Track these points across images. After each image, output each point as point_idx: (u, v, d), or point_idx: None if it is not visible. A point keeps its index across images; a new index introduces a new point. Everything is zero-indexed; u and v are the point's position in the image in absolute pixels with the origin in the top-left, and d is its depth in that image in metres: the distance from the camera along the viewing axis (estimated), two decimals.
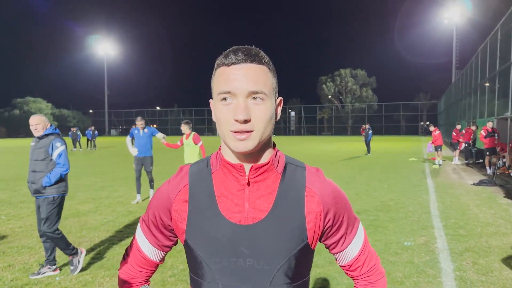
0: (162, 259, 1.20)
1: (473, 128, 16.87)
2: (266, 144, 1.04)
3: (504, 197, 8.77)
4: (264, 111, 0.97)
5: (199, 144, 7.94)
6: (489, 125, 13.34)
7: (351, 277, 1.19)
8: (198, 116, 78.08)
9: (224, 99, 0.97)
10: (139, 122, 8.79)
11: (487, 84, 17.83)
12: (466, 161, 16.57)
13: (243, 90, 0.95)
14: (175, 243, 1.18)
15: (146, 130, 8.79)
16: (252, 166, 1.02)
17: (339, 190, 1.10)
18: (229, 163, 1.03)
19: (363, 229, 1.18)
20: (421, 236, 5.66)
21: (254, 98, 0.96)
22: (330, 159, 18.68)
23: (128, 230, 6.07)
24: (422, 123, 63.94)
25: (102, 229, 6.18)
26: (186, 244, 1.06)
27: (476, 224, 6.36)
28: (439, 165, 14.99)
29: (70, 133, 28.82)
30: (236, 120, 0.94)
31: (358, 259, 1.14)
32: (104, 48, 73.41)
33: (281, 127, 74.85)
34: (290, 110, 74.15)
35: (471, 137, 16.70)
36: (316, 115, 72.09)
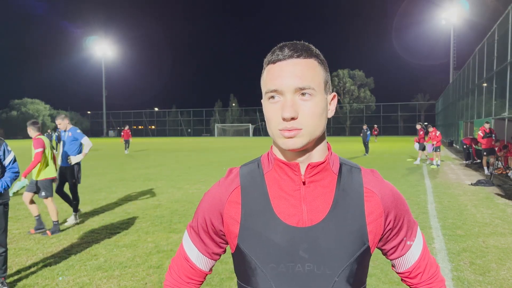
0: (211, 269, 1.14)
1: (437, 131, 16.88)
2: (319, 142, 1.00)
3: (502, 197, 8.78)
4: (313, 107, 0.92)
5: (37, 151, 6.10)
6: (487, 125, 13.37)
7: (410, 285, 1.12)
8: (196, 117, 78.09)
9: (272, 97, 0.93)
10: (59, 121, 6.73)
11: (484, 85, 17.88)
12: (466, 162, 16.59)
13: (290, 86, 0.91)
14: (224, 251, 1.12)
15: (69, 133, 6.74)
16: (309, 164, 0.97)
17: (398, 192, 1.05)
18: (283, 162, 0.98)
19: (422, 234, 1.12)
20: None
21: (303, 94, 0.92)
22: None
23: (126, 232, 6.06)
24: (420, 123, 64.08)
25: (99, 230, 6.16)
26: (237, 250, 1.00)
27: (473, 224, 6.37)
28: (437, 165, 15.01)
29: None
30: (284, 119, 0.90)
31: (418, 265, 1.08)
32: (102, 49, 73.40)
33: None
34: None
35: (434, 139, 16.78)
36: None
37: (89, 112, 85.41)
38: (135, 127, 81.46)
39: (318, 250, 0.94)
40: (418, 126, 17.34)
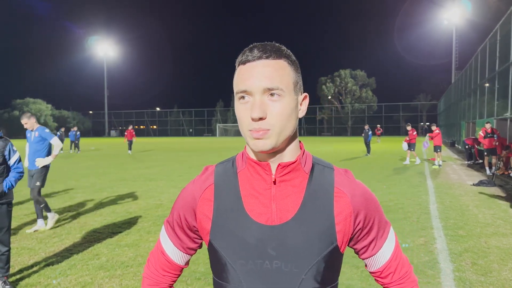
0: (187, 263, 1.17)
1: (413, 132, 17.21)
2: (290, 142, 1.01)
3: (504, 197, 8.77)
4: (282, 107, 0.93)
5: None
6: (488, 126, 13.34)
7: (382, 285, 1.13)
8: (198, 117, 78.14)
9: (242, 97, 0.95)
10: (25, 120, 6.24)
11: (486, 85, 17.84)
12: (467, 162, 16.56)
13: (258, 87, 0.92)
14: (200, 246, 1.15)
15: (36, 133, 6.24)
16: (279, 164, 0.99)
17: (370, 192, 1.06)
18: (255, 162, 1.00)
19: (395, 234, 1.12)
20: (421, 237, 5.66)
21: (271, 94, 0.93)
22: (330, 160, 18.64)
23: (128, 231, 6.07)
24: (422, 123, 63.96)
25: (101, 230, 6.18)
26: (210, 246, 1.03)
27: (475, 224, 6.36)
28: (439, 165, 14.99)
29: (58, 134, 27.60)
30: (252, 119, 0.92)
31: (389, 265, 1.09)
32: (104, 49, 73.52)
33: None
34: None
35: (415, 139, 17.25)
36: (316, 116, 72.09)
37: (91, 112, 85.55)
38: (136, 127, 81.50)
39: (286, 248, 0.96)
40: (408, 127, 17.67)
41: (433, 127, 16.03)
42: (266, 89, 0.93)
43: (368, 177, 12.18)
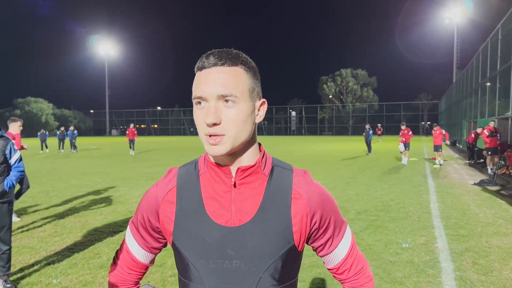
0: (152, 261, 1.20)
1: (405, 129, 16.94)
2: (249, 146, 1.04)
3: (505, 197, 8.76)
4: (236, 113, 0.96)
5: None
6: (492, 124, 13.33)
7: (339, 280, 1.18)
8: None
9: (199, 103, 0.98)
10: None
11: (488, 84, 17.82)
12: (468, 161, 16.54)
13: (212, 94, 0.95)
14: (164, 245, 1.18)
15: None
16: (239, 168, 1.02)
17: (327, 193, 1.10)
18: (215, 165, 1.04)
19: (351, 232, 1.17)
20: (421, 236, 5.66)
21: (226, 101, 0.96)
22: (331, 159, 18.68)
23: None
24: (423, 123, 63.89)
25: (102, 229, 6.18)
26: (173, 246, 1.06)
27: (476, 224, 6.36)
28: (440, 165, 14.97)
29: (38, 134, 26.78)
30: (207, 124, 0.95)
31: (345, 262, 1.14)
32: (105, 48, 73.53)
33: (281, 127, 74.90)
34: (291, 110, 74.19)
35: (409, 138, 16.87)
36: (317, 115, 72.04)
37: (92, 111, 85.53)
38: (138, 126, 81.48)
39: (245, 248, 1.00)
40: (402, 126, 17.29)
41: (435, 127, 15.98)
42: (220, 95, 0.95)
43: (369, 177, 12.17)
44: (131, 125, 24.12)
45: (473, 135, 16.34)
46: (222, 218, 1.02)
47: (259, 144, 1.10)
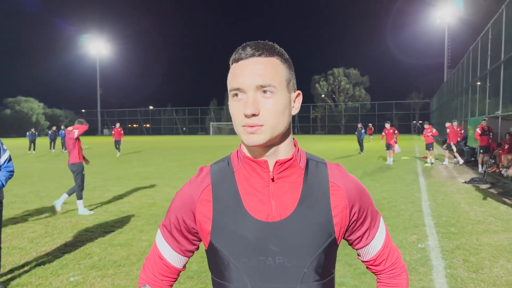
0: (184, 266, 1.16)
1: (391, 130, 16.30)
2: (285, 139, 1.03)
3: (495, 195, 8.85)
4: (274, 104, 0.95)
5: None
6: (484, 123, 13.46)
7: (375, 272, 1.18)
8: (191, 116, 77.93)
9: (236, 95, 0.97)
10: None
11: (478, 83, 17.97)
12: (454, 160, 16.62)
13: (251, 84, 0.94)
14: (197, 248, 1.15)
15: None
16: (277, 161, 1.01)
17: (362, 185, 1.10)
18: (252, 160, 1.02)
19: (384, 223, 1.17)
20: (413, 234, 5.70)
21: (264, 91, 0.95)
22: (323, 158, 18.72)
23: (120, 230, 6.04)
24: (414, 121, 64.31)
25: (94, 229, 6.14)
26: (211, 246, 1.03)
27: (467, 222, 6.41)
28: (431, 163, 15.08)
29: (28, 134, 26.03)
30: (245, 115, 0.94)
31: (382, 252, 1.13)
32: (97, 47, 72.97)
33: None
34: None
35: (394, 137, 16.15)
36: (309, 114, 72.18)
37: (83, 110, 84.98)
38: (130, 125, 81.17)
39: (287, 243, 0.98)
40: (387, 125, 16.68)
41: (426, 125, 16.08)
42: (258, 86, 0.94)
43: (361, 175, 12.22)
44: (117, 125, 22.56)
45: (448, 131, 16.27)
46: (262, 214, 1.00)
47: (293, 138, 1.09)
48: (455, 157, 15.94)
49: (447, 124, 16.84)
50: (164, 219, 1.14)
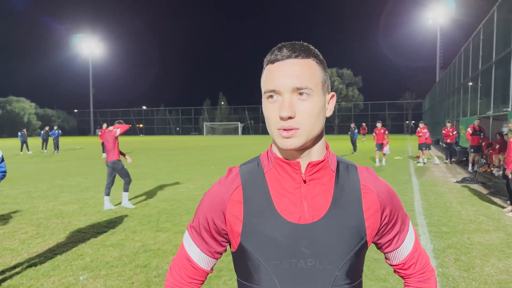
0: (212, 268, 1.14)
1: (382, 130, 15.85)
2: (318, 141, 1.02)
3: (486, 194, 8.93)
4: (310, 106, 0.94)
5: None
6: (476, 123, 13.57)
7: (403, 276, 1.17)
8: (185, 116, 77.71)
9: (271, 97, 0.96)
10: None
11: (470, 84, 18.11)
12: (447, 161, 16.70)
13: (287, 86, 0.93)
14: (225, 250, 1.13)
15: None
16: (309, 163, 1.00)
17: (392, 188, 1.10)
18: (284, 161, 1.01)
19: (413, 227, 1.16)
20: None
21: (300, 94, 0.94)
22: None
23: (113, 231, 6.01)
24: (407, 122, 64.67)
25: (86, 230, 6.10)
26: (240, 248, 1.01)
27: (458, 221, 6.46)
28: (424, 163, 15.17)
29: (19, 134, 25.66)
30: (281, 118, 0.92)
31: (412, 256, 1.13)
32: (89, 46, 72.53)
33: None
34: None
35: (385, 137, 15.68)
36: None
37: (76, 110, 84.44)
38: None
39: (320, 246, 0.97)
40: (378, 124, 16.06)
41: (421, 125, 16.02)
42: (295, 88, 0.93)
43: None
44: (104, 125, 22.33)
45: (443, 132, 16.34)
46: (294, 216, 0.98)
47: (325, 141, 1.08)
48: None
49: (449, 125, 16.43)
50: (192, 220, 1.12)
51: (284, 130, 0.93)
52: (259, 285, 0.98)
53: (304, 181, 1.00)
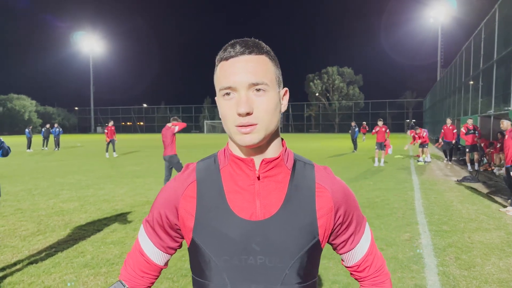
0: (166, 263, 1.15)
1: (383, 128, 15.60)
2: (274, 138, 1.02)
3: (487, 193, 8.92)
4: (267, 102, 0.94)
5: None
6: (470, 122, 13.56)
7: (358, 279, 1.16)
8: (186, 114, 77.72)
9: (227, 94, 0.95)
10: None
11: (471, 83, 18.09)
12: (445, 161, 16.60)
13: (243, 83, 0.93)
14: (180, 246, 1.13)
15: None
16: (263, 160, 1.00)
17: (348, 188, 1.09)
18: (238, 158, 1.01)
19: (370, 229, 1.15)
20: (406, 232, 5.73)
21: (257, 90, 0.93)
22: (317, 157, 18.76)
23: (113, 228, 6.01)
24: (408, 120, 64.62)
25: (86, 227, 6.11)
26: (192, 244, 1.01)
27: (459, 220, 6.46)
28: (424, 162, 15.16)
29: (27, 130, 25.36)
30: (239, 114, 0.92)
31: (366, 258, 1.12)
32: (90, 44, 72.58)
33: None
34: None
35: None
36: (303, 113, 72.37)
37: (76, 108, 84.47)
38: (123, 123, 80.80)
39: (270, 243, 0.96)
40: (380, 123, 15.28)
41: (417, 130, 15.79)
42: (251, 84, 0.93)
43: (355, 173, 12.27)
44: (111, 123, 20.25)
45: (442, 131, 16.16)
46: (246, 212, 0.98)
47: (282, 139, 1.08)
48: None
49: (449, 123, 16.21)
50: (148, 215, 1.12)
51: (242, 126, 0.93)
52: (210, 281, 0.99)
53: (258, 178, 1.00)
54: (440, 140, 15.98)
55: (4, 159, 17.77)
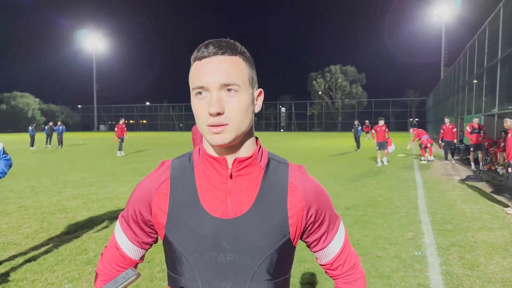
0: (142, 258, 1.17)
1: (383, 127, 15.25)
2: (247, 137, 1.03)
3: (491, 192, 8.89)
4: (239, 102, 0.95)
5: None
6: (475, 121, 13.50)
7: (332, 277, 1.18)
8: (188, 112, 77.71)
9: (199, 93, 0.96)
10: None
11: (475, 81, 18.01)
12: (445, 161, 16.46)
13: (215, 83, 0.94)
14: (155, 241, 1.15)
15: None
16: (235, 159, 1.01)
17: (322, 187, 1.10)
18: (211, 156, 1.02)
19: (344, 228, 1.17)
20: (409, 231, 5.71)
21: (228, 90, 0.95)
22: (320, 155, 18.75)
23: None
24: (411, 119, 64.45)
25: (89, 225, 6.12)
26: (165, 240, 1.03)
27: (462, 219, 6.44)
28: (427, 161, 15.12)
29: (30, 128, 25.18)
30: (210, 114, 0.93)
31: (339, 257, 1.13)
32: (93, 42, 72.73)
33: (271, 123, 74.96)
34: (280, 106, 74.29)
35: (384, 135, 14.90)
36: (306, 111, 72.27)
37: (79, 106, 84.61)
38: (126, 121, 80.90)
39: (240, 241, 0.98)
40: (381, 122, 14.63)
41: (411, 130, 15.72)
42: (223, 84, 0.94)
43: (357, 172, 12.25)
44: (121, 121, 19.71)
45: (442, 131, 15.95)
46: (217, 210, 1.00)
47: (256, 138, 1.09)
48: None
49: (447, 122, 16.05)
50: (123, 210, 1.14)
51: (213, 126, 0.94)
52: (182, 276, 1.01)
53: (231, 177, 1.01)
54: (440, 141, 15.89)
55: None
